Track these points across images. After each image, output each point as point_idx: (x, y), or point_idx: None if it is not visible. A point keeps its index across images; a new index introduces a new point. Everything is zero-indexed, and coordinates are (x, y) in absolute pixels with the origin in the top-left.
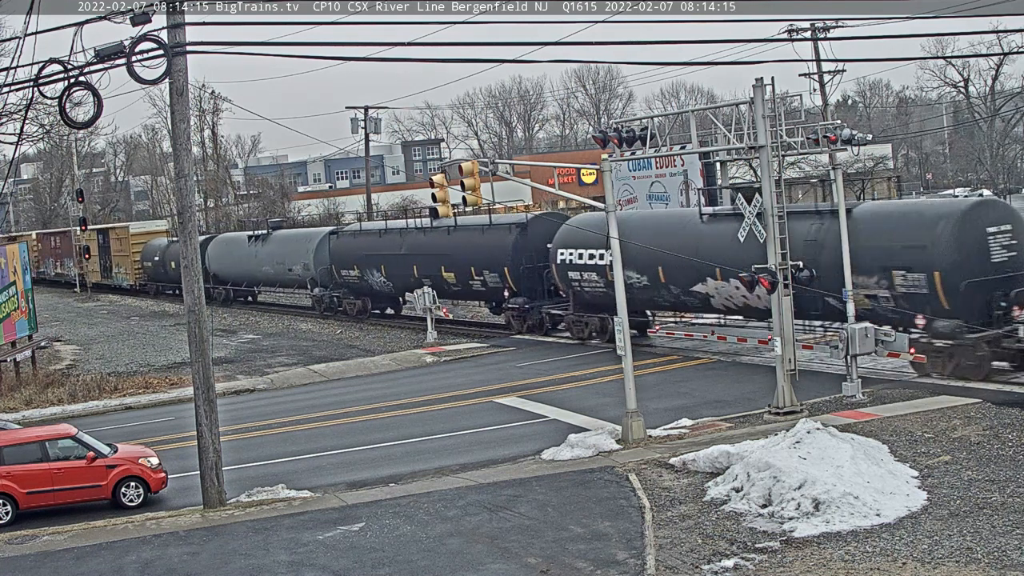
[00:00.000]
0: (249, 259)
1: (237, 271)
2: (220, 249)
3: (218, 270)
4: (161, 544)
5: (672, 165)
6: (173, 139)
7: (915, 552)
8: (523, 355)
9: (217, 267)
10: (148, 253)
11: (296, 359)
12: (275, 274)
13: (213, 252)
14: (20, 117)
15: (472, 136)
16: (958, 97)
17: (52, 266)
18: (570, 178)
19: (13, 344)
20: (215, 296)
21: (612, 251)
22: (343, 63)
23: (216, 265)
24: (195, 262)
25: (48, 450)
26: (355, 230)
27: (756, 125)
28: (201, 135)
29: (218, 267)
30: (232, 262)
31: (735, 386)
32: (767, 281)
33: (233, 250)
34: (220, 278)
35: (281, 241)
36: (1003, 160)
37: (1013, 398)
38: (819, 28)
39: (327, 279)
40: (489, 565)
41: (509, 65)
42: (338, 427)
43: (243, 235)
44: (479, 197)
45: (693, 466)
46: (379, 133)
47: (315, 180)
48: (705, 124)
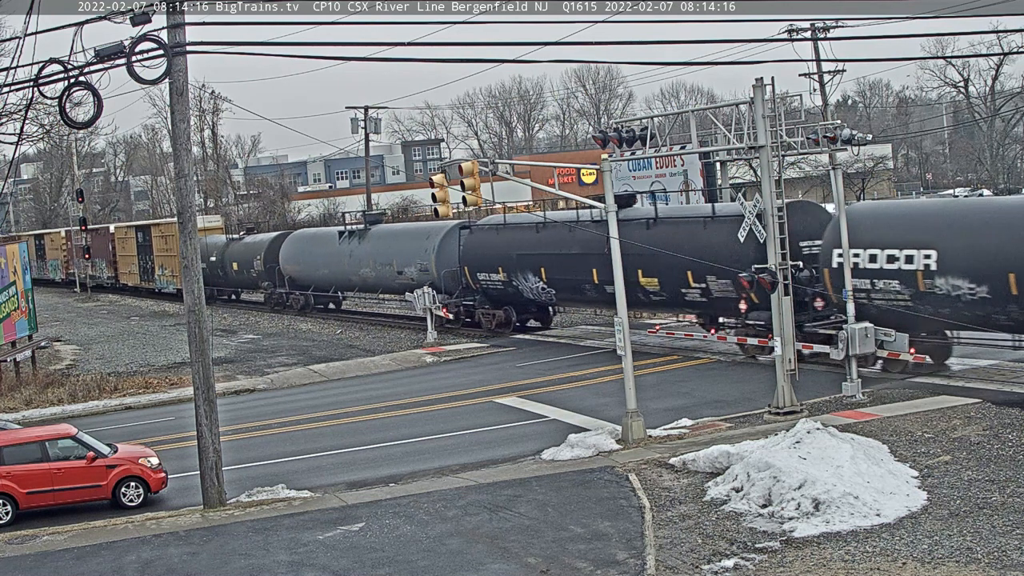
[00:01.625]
0: (339, 260)
1: (322, 274)
2: (297, 248)
3: (295, 273)
4: (161, 544)
5: (672, 165)
6: (173, 139)
7: (915, 552)
8: (523, 355)
9: (294, 269)
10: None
11: (296, 359)
12: (377, 278)
13: (288, 252)
14: (20, 117)
15: (472, 136)
16: (958, 97)
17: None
18: (570, 178)
19: (13, 344)
20: (290, 303)
21: (612, 252)
22: (343, 63)
23: (292, 267)
24: (195, 262)
25: (48, 450)
26: (497, 223)
27: (756, 125)
28: (201, 135)
29: (295, 269)
30: (315, 264)
31: (735, 386)
32: (767, 281)
33: (316, 249)
34: (298, 282)
35: (386, 238)
36: (1003, 160)
37: (1013, 398)
38: (819, 28)
39: (453, 284)
40: (489, 565)
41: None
42: (338, 427)
43: (330, 231)
44: (479, 197)
45: (693, 466)
46: (379, 133)
47: (315, 180)
48: (705, 124)
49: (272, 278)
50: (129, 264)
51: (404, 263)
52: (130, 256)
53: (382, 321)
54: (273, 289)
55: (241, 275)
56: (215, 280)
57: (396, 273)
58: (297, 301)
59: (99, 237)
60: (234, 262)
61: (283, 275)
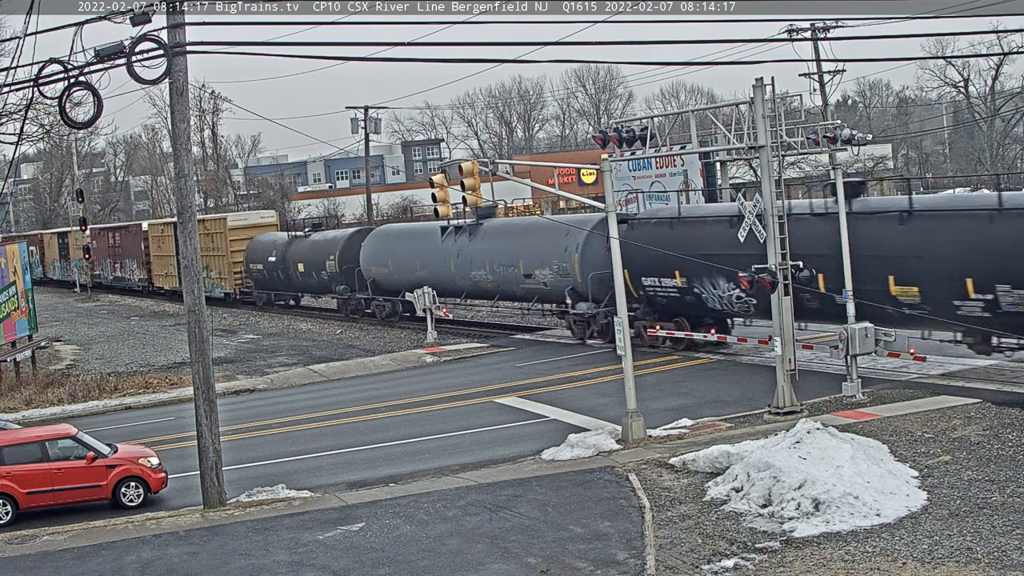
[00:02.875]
0: (442, 261)
1: (418, 277)
2: (384, 247)
3: (382, 276)
4: (161, 544)
5: (672, 165)
6: (173, 139)
7: (915, 552)
8: (523, 355)
9: (380, 272)
10: (256, 252)
11: (296, 359)
12: (496, 282)
13: (372, 251)
14: (20, 117)
15: (472, 136)
16: (958, 97)
17: (110, 269)
18: (570, 178)
19: (13, 344)
20: (372, 310)
21: (612, 252)
22: (343, 63)
23: (377, 269)
24: (195, 262)
25: (48, 450)
26: (670, 215)
27: (756, 125)
28: (201, 135)
29: (382, 272)
30: (407, 265)
31: (735, 386)
32: (767, 281)
33: (409, 248)
34: (384, 286)
35: (506, 235)
36: (1003, 160)
37: (1013, 398)
38: (819, 28)
39: (602, 290)
40: (489, 565)
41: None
42: (338, 427)
43: (428, 227)
44: (479, 197)
45: (693, 466)
46: (379, 133)
47: (315, 180)
48: (705, 124)
49: (350, 281)
50: (166, 265)
51: (535, 264)
52: (167, 256)
53: (382, 321)
54: (351, 294)
55: (308, 278)
56: (273, 283)
57: (522, 276)
58: (382, 308)
59: (129, 236)
60: (299, 263)
61: (364, 278)
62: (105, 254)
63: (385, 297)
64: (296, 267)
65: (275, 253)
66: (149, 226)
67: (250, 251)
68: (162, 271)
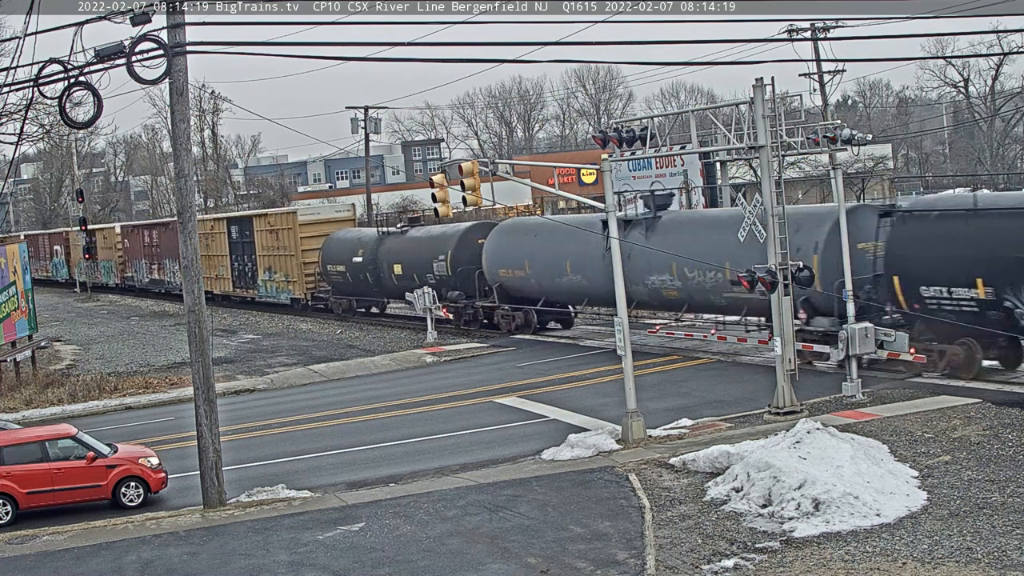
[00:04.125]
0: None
1: (569, 283)
2: (516, 244)
3: (514, 280)
4: (161, 544)
5: (672, 165)
6: (173, 139)
7: (915, 552)
8: (523, 355)
9: (510, 275)
10: (336, 251)
11: (296, 359)
12: (685, 289)
13: (498, 249)
14: (20, 117)
15: (472, 136)
16: (958, 97)
17: (146, 271)
18: (570, 178)
19: (13, 344)
20: (497, 321)
21: (612, 252)
22: (343, 63)
23: (508, 271)
24: (195, 262)
25: (48, 450)
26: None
27: (756, 125)
28: (201, 135)
29: (513, 276)
30: (551, 268)
31: (735, 386)
32: (767, 281)
33: (554, 246)
34: (514, 293)
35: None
36: (1003, 160)
37: (1013, 398)
38: (819, 28)
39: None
40: (489, 565)
41: (509, 65)
42: (338, 427)
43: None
44: (479, 197)
45: (693, 466)
46: (379, 133)
47: (315, 180)
48: (705, 124)
49: (466, 286)
50: (218, 267)
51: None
52: (219, 257)
53: (382, 321)
54: (468, 301)
55: (407, 282)
56: (357, 287)
57: (729, 283)
58: (510, 319)
59: (170, 234)
60: (395, 264)
61: (487, 282)
62: (139, 254)
63: (514, 306)
64: (390, 269)
65: (361, 252)
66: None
67: (327, 250)
68: (213, 273)
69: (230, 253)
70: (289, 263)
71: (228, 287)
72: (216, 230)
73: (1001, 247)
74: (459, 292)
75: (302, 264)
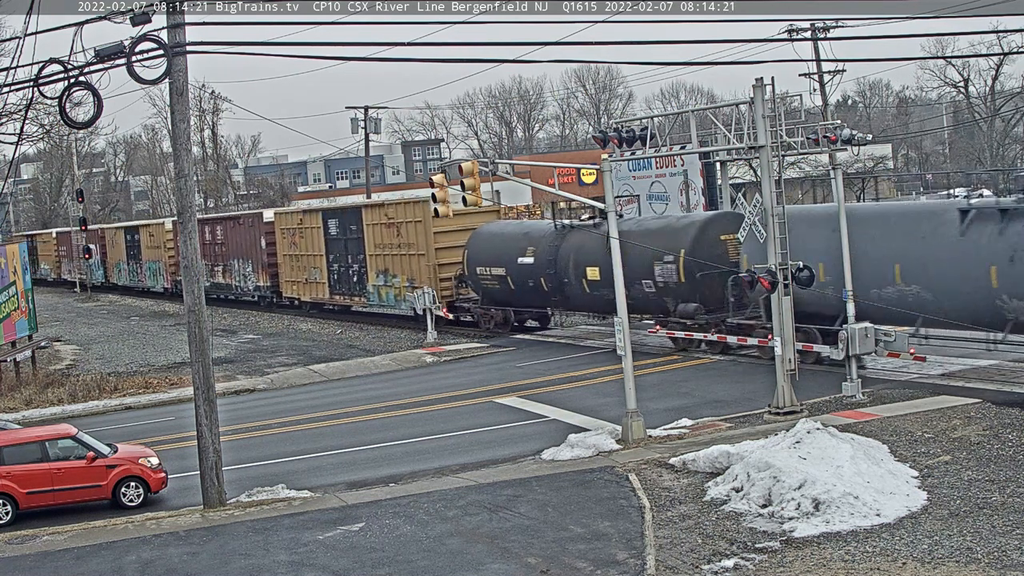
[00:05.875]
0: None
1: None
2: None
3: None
4: (161, 544)
5: (672, 165)
6: (173, 139)
7: (915, 552)
8: (523, 355)
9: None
10: (488, 251)
11: (296, 359)
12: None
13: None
14: (20, 117)
15: (472, 136)
16: (958, 97)
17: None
18: (570, 178)
19: (13, 344)
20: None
21: (612, 252)
22: (343, 63)
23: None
24: (195, 262)
25: (48, 450)
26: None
27: (756, 125)
28: (201, 135)
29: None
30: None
31: (735, 386)
32: (767, 281)
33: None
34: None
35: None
36: (1003, 160)
37: (1013, 398)
38: (819, 28)
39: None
40: (489, 565)
41: (509, 65)
42: (338, 427)
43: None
44: (479, 197)
45: (693, 466)
46: (379, 133)
47: (315, 180)
48: (705, 124)
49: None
50: (309, 268)
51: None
52: (311, 256)
53: (382, 321)
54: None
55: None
56: (524, 297)
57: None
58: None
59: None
60: (588, 267)
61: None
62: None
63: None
64: (581, 273)
65: (531, 252)
66: (275, 215)
67: (474, 249)
68: (301, 276)
69: (327, 252)
70: (416, 265)
71: (323, 293)
72: (307, 224)
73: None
74: (696, 305)
75: (435, 268)
